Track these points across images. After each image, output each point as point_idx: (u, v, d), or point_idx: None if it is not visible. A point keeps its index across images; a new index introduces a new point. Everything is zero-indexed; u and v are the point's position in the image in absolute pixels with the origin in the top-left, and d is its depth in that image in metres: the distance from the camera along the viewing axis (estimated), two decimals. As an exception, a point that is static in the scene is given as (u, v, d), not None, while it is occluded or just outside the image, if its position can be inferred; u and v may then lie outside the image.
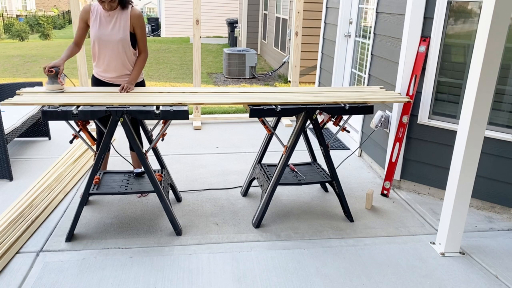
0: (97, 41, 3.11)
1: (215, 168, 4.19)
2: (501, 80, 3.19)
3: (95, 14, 3.10)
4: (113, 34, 3.09)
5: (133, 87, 3.11)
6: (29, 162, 4.19)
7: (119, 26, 3.10)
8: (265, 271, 2.62)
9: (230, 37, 15.24)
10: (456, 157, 2.72)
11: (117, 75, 3.23)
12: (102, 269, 2.59)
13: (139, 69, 3.22)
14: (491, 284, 2.58)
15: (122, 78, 3.26)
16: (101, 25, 3.09)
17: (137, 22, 3.15)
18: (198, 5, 5.08)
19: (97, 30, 3.08)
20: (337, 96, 3.11)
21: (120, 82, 3.26)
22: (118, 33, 3.10)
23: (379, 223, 3.25)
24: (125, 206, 3.37)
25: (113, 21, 3.09)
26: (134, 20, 3.13)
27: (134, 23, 3.14)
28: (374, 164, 4.25)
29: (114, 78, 3.24)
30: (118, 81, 3.26)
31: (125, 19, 3.11)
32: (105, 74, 3.24)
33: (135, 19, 3.14)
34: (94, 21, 3.09)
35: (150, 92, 3.08)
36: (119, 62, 3.18)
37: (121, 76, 3.25)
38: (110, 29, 3.09)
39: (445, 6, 3.28)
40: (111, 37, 3.09)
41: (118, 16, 3.10)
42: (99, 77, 3.28)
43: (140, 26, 3.18)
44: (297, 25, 5.51)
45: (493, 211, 3.45)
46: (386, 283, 2.56)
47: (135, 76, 3.20)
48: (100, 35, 3.09)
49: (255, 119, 5.79)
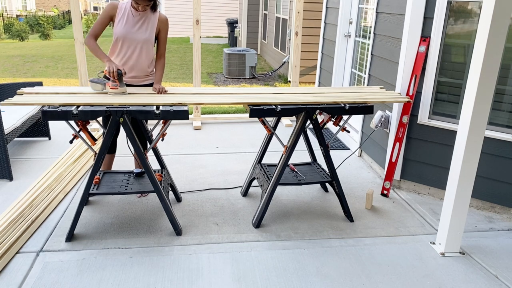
0: (122, 38, 3.11)
1: (215, 168, 4.19)
2: (501, 80, 3.19)
3: (123, 12, 3.11)
4: (139, 33, 3.12)
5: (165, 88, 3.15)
6: (29, 162, 4.19)
7: (147, 27, 3.14)
8: (265, 271, 2.62)
9: (230, 37, 15.24)
10: (456, 157, 2.72)
11: (132, 75, 3.25)
12: (102, 269, 2.59)
13: (162, 72, 3.30)
14: (491, 284, 2.58)
15: (135, 78, 3.28)
16: (128, 23, 3.10)
17: (163, 26, 3.22)
18: (198, 5, 5.08)
19: (124, 27, 3.09)
20: (337, 96, 3.11)
21: (132, 82, 3.28)
22: (144, 33, 3.13)
23: (379, 223, 3.25)
24: (125, 206, 3.38)
25: (141, 21, 3.13)
26: (161, 24, 3.20)
27: (161, 26, 3.21)
28: (374, 164, 4.25)
29: (128, 77, 3.26)
30: (131, 81, 3.28)
31: (153, 21, 3.17)
32: None
33: (163, 23, 3.21)
34: (122, 18, 3.10)
35: (150, 92, 3.08)
36: (137, 63, 3.21)
37: (135, 76, 3.27)
38: (137, 28, 3.12)
39: (445, 6, 3.28)
40: (137, 36, 3.12)
41: (147, 17, 3.14)
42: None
43: (166, 31, 3.25)
44: (297, 25, 5.51)
45: (493, 211, 3.45)
46: (386, 283, 2.56)
47: (161, 78, 3.27)
48: (126, 32, 3.10)
49: (255, 119, 5.79)
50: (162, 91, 3.08)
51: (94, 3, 57.70)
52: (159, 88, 3.09)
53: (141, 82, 3.32)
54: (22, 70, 10.32)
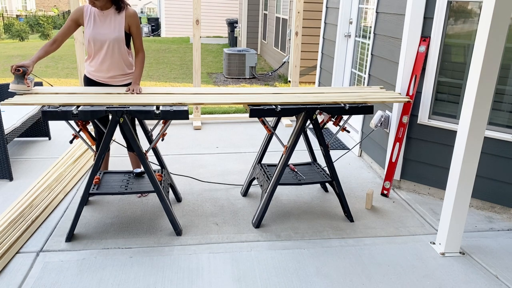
0: (92, 40, 3.09)
1: (215, 168, 4.19)
2: (501, 80, 3.19)
3: (89, 14, 3.09)
4: (108, 33, 3.09)
5: (141, 87, 3.11)
6: (29, 162, 4.18)
7: (114, 25, 3.10)
8: (265, 271, 2.62)
9: (230, 37, 15.24)
10: (456, 157, 2.72)
11: (110, 75, 3.22)
12: (102, 269, 2.59)
13: (141, 68, 3.22)
14: (491, 284, 2.58)
15: (115, 78, 3.25)
16: (96, 25, 3.08)
17: (132, 20, 3.15)
18: (198, 5, 5.08)
19: (92, 29, 3.08)
20: (337, 96, 3.11)
21: (112, 82, 3.26)
22: (113, 32, 3.09)
23: (379, 223, 3.25)
24: (125, 206, 3.37)
25: (107, 21, 3.09)
26: (129, 19, 3.14)
27: (130, 21, 3.15)
28: (374, 164, 4.25)
29: (107, 78, 3.23)
30: (111, 81, 3.25)
31: (120, 18, 3.12)
32: (98, 73, 3.22)
33: (130, 17, 3.14)
34: (89, 20, 3.08)
35: (150, 92, 3.08)
36: (113, 62, 3.17)
37: (114, 76, 3.24)
38: (105, 28, 3.09)
39: (445, 6, 3.28)
40: (105, 36, 3.09)
41: (113, 16, 3.10)
42: (92, 77, 3.26)
43: (136, 25, 3.18)
44: (297, 25, 5.51)
45: (493, 211, 3.45)
46: (386, 283, 2.56)
47: (138, 76, 3.19)
48: (94, 34, 3.08)
49: (255, 119, 5.79)
50: (136, 91, 3.02)
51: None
52: (133, 88, 3.03)
53: (120, 82, 3.28)
54: (22, 70, 10.30)
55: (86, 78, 3.30)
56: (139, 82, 3.18)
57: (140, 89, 3.08)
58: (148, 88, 3.21)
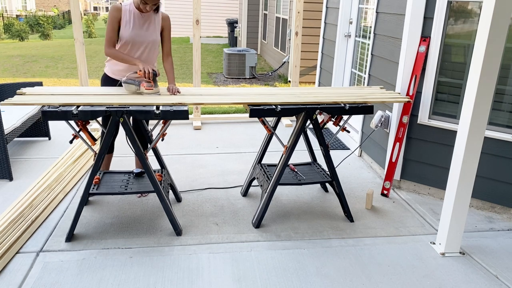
0: (131, 42, 3.10)
1: (215, 168, 4.19)
2: (501, 80, 3.19)
3: (128, 15, 3.09)
4: (147, 35, 3.13)
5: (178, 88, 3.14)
6: (29, 162, 4.19)
7: (153, 28, 3.15)
8: (265, 271, 2.62)
9: (230, 37, 15.24)
10: (456, 157, 2.72)
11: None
12: (102, 269, 2.59)
13: (173, 70, 3.30)
14: (491, 284, 2.58)
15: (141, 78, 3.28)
16: (135, 26, 3.10)
17: (166, 24, 3.23)
18: (198, 5, 5.08)
19: (132, 31, 3.09)
20: (337, 96, 3.11)
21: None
22: (152, 34, 3.15)
23: (379, 223, 3.25)
24: (125, 206, 3.37)
25: (147, 23, 3.13)
26: (164, 23, 3.22)
27: (164, 25, 3.22)
28: (374, 164, 4.25)
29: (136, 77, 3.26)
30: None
31: (158, 21, 3.18)
32: (126, 73, 3.23)
33: (165, 21, 3.22)
34: (128, 21, 3.09)
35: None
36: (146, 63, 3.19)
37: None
38: (145, 30, 3.12)
39: (445, 6, 3.28)
40: (145, 38, 3.12)
41: (151, 18, 3.14)
42: (116, 76, 3.26)
43: (168, 28, 3.26)
44: (297, 25, 5.51)
45: (493, 211, 3.45)
46: (386, 283, 2.56)
47: (173, 77, 3.27)
48: (134, 36, 3.09)
49: (255, 119, 5.79)
50: (175, 91, 3.06)
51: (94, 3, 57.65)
52: (173, 88, 3.07)
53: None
54: (22, 70, 10.32)
55: (107, 77, 3.29)
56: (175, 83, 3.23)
57: (179, 90, 3.10)
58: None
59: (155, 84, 2.95)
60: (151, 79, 2.91)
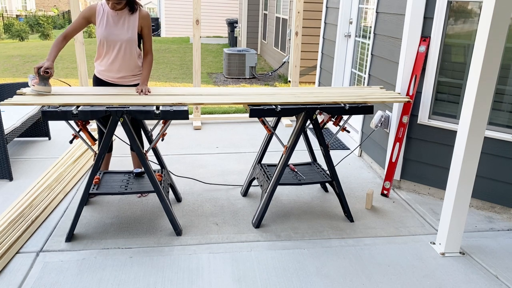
0: (105, 40, 3.09)
1: (215, 168, 4.19)
2: (501, 80, 3.19)
3: (102, 13, 3.08)
4: (121, 34, 3.09)
5: (149, 88, 3.11)
6: (29, 162, 4.18)
7: (128, 26, 3.11)
8: (265, 271, 2.62)
9: (230, 37, 15.24)
10: (456, 157, 2.72)
11: (120, 75, 3.23)
12: (102, 269, 2.59)
13: (149, 70, 3.23)
14: (491, 284, 2.58)
15: (125, 78, 3.26)
16: (109, 25, 3.08)
17: (145, 22, 3.18)
18: (198, 5, 5.08)
19: (105, 29, 3.08)
20: (337, 96, 3.11)
21: (122, 82, 3.26)
22: (126, 32, 3.11)
23: (379, 223, 3.25)
24: (125, 206, 3.37)
25: (121, 21, 3.10)
26: (142, 21, 3.16)
27: (142, 23, 3.17)
28: (374, 164, 4.24)
29: (117, 78, 3.24)
30: (120, 82, 3.26)
31: (134, 19, 3.13)
32: (108, 73, 3.23)
33: (143, 19, 3.16)
34: (101, 20, 3.08)
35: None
36: (124, 63, 3.18)
37: (124, 76, 3.25)
38: (118, 29, 3.09)
39: (445, 6, 3.28)
40: (118, 37, 3.09)
41: (126, 16, 3.11)
42: (101, 77, 3.27)
43: (148, 26, 3.20)
44: (297, 25, 5.51)
45: (493, 211, 3.45)
46: (386, 283, 2.56)
47: (146, 77, 3.20)
48: (107, 34, 3.08)
49: (255, 119, 5.79)
50: (145, 92, 3.02)
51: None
52: (141, 89, 3.02)
53: (129, 82, 3.29)
54: (22, 70, 10.32)
55: (96, 78, 3.30)
56: (147, 83, 3.19)
57: (149, 90, 3.08)
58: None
59: (44, 82, 2.81)
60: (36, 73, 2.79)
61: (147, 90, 3.06)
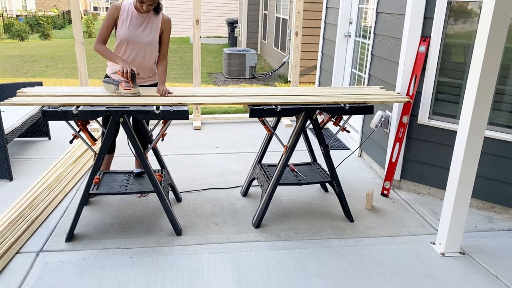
0: (126, 41, 3.09)
1: (215, 168, 4.19)
2: (501, 80, 3.19)
3: (126, 13, 3.08)
4: (144, 36, 3.11)
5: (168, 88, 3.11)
6: (29, 162, 4.19)
7: (151, 29, 3.13)
8: (265, 271, 2.62)
9: (230, 37, 15.24)
10: (456, 157, 2.72)
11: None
12: (102, 269, 2.59)
13: (165, 73, 3.26)
14: (491, 284, 2.58)
15: (140, 79, 3.28)
16: (132, 25, 3.08)
17: (167, 26, 3.20)
18: (198, 5, 5.08)
19: (127, 30, 3.07)
20: (337, 96, 3.11)
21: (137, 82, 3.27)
22: (149, 35, 3.12)
23: (379, 223, 3.25)
24: (125, 206, 3.38)
25: (145, 23, 3.11)
26: (164, 25, 3.19)
27: (164, 27, 3.19)
28: (374, 164, 4.25)
29: None
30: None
31: (157, 22, 3.15)
32: None
33: (165, 23, 3.19)
34: (125, 20, 3.08)
35: (150, 93, 3.08)
36: (142, 64, 3.19)
37: (140, 77, 3.27)
38: (142, 31, 3.10)
39: (445, 6, 3.28)
40: (141, 38, 3.10)
41: (150, 19, 3.12)
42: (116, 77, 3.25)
43: (169, 31, 3.23)
44: (297, 25, 5.51)
45: (493, 211, 3.45)
46: (386, 283, 2.56)
47: (163, 79, 3.22)
48: (130, 35, 3.08)
49: (255, 119, 5.79)
50: (166, 92, 3.05)
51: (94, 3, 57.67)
52: (163, 89, 3.06)
53: (145, 83, 3.32)
54: (22, 70, 10.32)
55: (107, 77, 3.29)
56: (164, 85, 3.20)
57: (169, 91, 3.08)
58: (148, 88, 3.21)
59: (134, 84, 2.89)
60: (129, 79, 2.85)
61: (167, 90, 3.06)
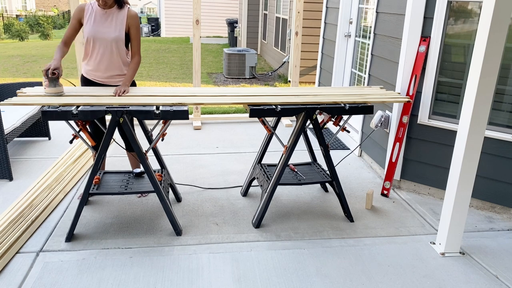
0: (91, 39, 3.08)
1: (215, 168, 4.19)
2: (501, 80, 3.19)
3: (90, 12, 3.08)
4: (108, 32, 3.07)
5: (128, 89, 3.06)
6: (29, 162, 4.18)
7: (115, 25, 3.09)
8: (265, 271, 2.62)
9: (230, 37, 15.24)
10: (456, 157, 2.72)
11: (108, 75, 3.20)
12: (102, 269, 2.59)
13: (133, 72, 3.16)
14: (491, 284, 2.58)
15: (112, 78, 3.22)
16: (96, 23, 3.07)
17: (132, 22, 3.14)
18: (198, 5, 5.08)
19: (92, 27, 3.06)
20: (337, 96, 3.11)
21: (110, 82, 3.23)
22: (114, 31, 3.08)
23: (379, 223, 3.25)
24: (125, 206, 3.37)
25: (108, 19, 3.08)
26: (130, 20, 3.13)
27: (130, 23, 3.14)
28: (374, 164, 4.24)
29: (105, 78, 3.21)
30: (108, 81, 3.23)
31: (121, 18, 3.11)
32: (95, 73, 3.20)
33: (131, 19, 3.13)
34: (89, 18, 3.07)
35: (150, 93, 3.08)
36: (111, 62, 3.15)
37: (112, 76, 3.21)
38: (106, 27, 3.07)
39: (445, 6, 3.28)
40: (105, 35, 3.07)
41: (114, 15, 3.09)
42: (89, 77, 3.24)
43: (136, 26, 3.16)
44: (297, 25, 5.51)
45: (493, 211, 3.45)
46: (386, 283, 2.56)
47: (129, 78, 3.13)
48: (94, 32, 3.06)
49: (255, 119, 5.79)
50: (120, 92, 2.95)
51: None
52: (118, 90, 2.95)
53: (118, 82, 3.25)
54: (22, 70, 10.32)
55: (83, 78, 3.28)
56: (129, 84, 3.11)
57: (127, 91, 3.01)
58: (148, 88, 3.21)
59: (52, 84, 2.81)
60: (45, 76, 2.79)
61: (123, 91, 2.97)
